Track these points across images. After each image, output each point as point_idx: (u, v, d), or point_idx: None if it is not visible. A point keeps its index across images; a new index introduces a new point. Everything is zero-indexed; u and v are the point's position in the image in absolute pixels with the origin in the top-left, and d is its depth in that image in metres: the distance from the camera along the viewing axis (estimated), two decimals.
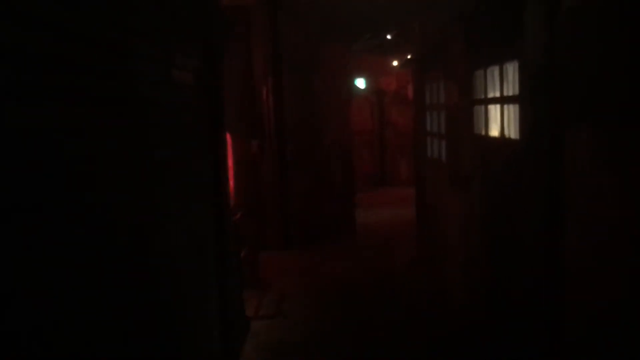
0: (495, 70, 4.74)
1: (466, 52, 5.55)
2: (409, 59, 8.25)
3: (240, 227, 7.58)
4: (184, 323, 3.41)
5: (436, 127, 7.08)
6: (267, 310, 6.89)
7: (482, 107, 5.14)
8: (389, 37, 12.27)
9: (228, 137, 10.45)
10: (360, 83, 15.97)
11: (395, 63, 15.68)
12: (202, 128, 4.18)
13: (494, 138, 4.84)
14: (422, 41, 7.53)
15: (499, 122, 4.60)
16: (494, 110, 4.82)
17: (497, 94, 4.67)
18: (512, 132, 4.41)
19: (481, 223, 5.23)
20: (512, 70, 4.36)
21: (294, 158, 9.70)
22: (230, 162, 9.57)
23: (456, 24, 5.79)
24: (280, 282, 7.92)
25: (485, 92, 4.97)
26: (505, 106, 4.48)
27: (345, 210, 10.33)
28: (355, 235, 10.28)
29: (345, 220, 10.33)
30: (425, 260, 8.05)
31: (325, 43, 10.08)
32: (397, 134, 16.28)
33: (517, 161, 4.23)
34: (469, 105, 5.47)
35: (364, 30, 10.64)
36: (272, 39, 9.38)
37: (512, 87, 4.36)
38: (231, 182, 8.64)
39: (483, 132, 5.11)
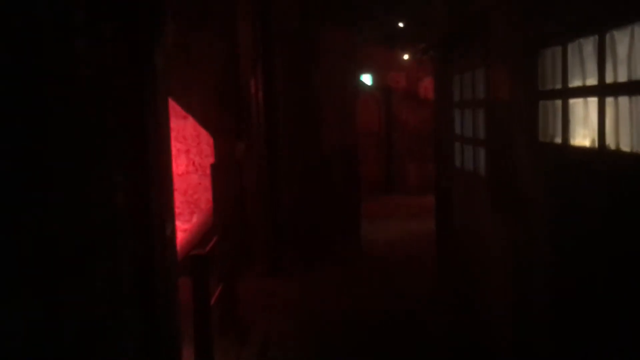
0: (587, 45, 3.04)
1: (523, 21, 3.86)
2: (429, 45, 6.54)
3: (214, 256, 5.91)
4: None
5: (470, 130, 5.39)
6: None
7: (557, 102, 3.44)
8: (401, 24, 10.60)
9: (206, 135, 8.80)
10: (366, 79, 14.27)
11: (406, 57, 13.98)
12: (114, 120, 2.50)
13: (582, 149, 3.15)
14: (449, 18, 5.83)
15: (595, 124, 2.91)
16: (583, 107, 3.13)
17: (592, 81, 2.98)
18: (624, 141, 2.72)
19: (548, 268, 3.54)
20: (625, 42, 2.67)
21: (288, 164, 8.02)
22: (207, 167, 7.89)
23: None
24: (264, 324, 6.23)
25: (565, 80, 3.28)
26: (610, 100, 2.79)
27: (349, 227, 8.64)
28: (360, 257, 8.58)
29: (348, 238, 8.64)
30: (449, 294, 6.37)
31: (327, 27, 8.39)
32: (406, 136, 14.58)
33: (629, 186, 2.56)
34: (530, 99, 3.78)
35: (373, 10, 8.93)
36: (262, 18, 7.71)
37: (626, 69, 2.67)
38: (209, 194, 7.00)
39: (558, 140, 3.42)
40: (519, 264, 4.05)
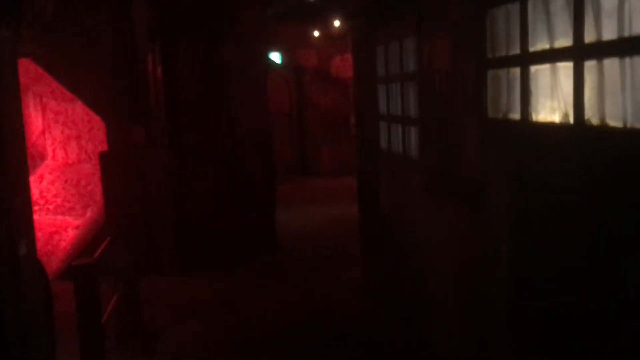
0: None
1: None
2: (347, 13, 5.94)
3: (110, 256, 5.09)
4: None
5: (398, 108, 4.83)
6: None
7: (512, 71, 2.91)
8: None
9: (99, 120, 7.77)
10: (275, 57, 13.55)
11: (316, 33, 13.36)
12: None
13: (549, 126, 2.62)
14: None
15: (569, 95, 2.38)
16: (551, 75, 2.60)
17: (565, 42, 2.45)
18: (610, 116, 2.20)
19: (511, 271, 3.03)
20: None
21: (195, 150, 7.23)
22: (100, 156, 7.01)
23: None
24: (175, 330, 5.48)
25: (524, 43, 2.74)
26: (591, 63, 2.26)
27: (265, 217, 7.96)
28: (277, 248, 7.93)
29: (264, 228, 7.96)
30: (378, 287, 5.86)
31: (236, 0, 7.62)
32: (318, 116, 14.01)
33: (622, 169, 2.05)
34: (476, 69, 3.23)
35: None
36: None
37: (615, 24, 2.15)
38: (101, 184, 6.10)
39: (515, 115, 2.89)
40: (467, 256, 3.54)
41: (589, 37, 2.27)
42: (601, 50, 2.22)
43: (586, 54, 2.28)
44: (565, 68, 2.44)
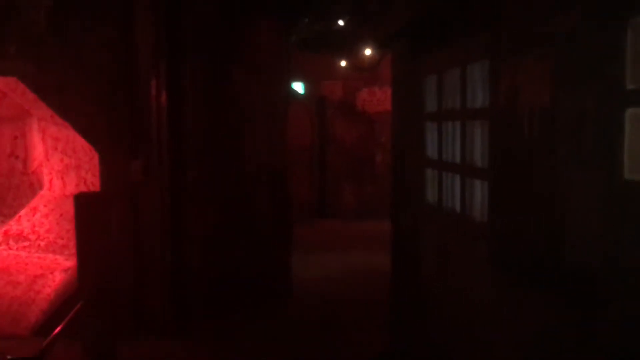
0: None
1: None
2: (386, 35, 4.90)
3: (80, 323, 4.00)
4: None
5: (456, 154, 3.71)
6: None
7: None
8: (341, 22, 8.94)
9: (89, 151, 6.68)
10: (298, 88, 12.56)
11: (343, 64, 12.38)
12: None
13: None
14: None
15: None
16: None
17: None
18: None
19: None
20: None
21: (199, 188, 6.16)
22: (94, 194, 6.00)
23: None
24: None
25: None
26: None
27: (278, 267, 6.84)
28: (290, 303, 6.78)
29: (276, 280, 6.84)
30: None
31: (252, 22, 6.62)
32: (342, 153, 12.94)
33: None
34: (606, 105, 2.13)
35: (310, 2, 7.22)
36: (169, 1, 5.84)
37: None
38: (76, 237, 4.97)
39: None
40: None
41: None
42: None
43: None
44: None
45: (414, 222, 4.47)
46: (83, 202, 4.17)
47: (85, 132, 5.87)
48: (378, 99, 12.84)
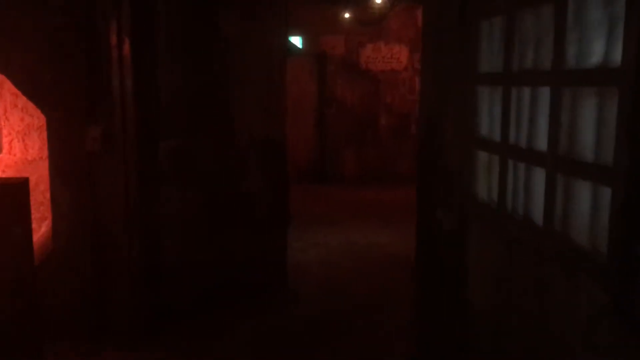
0: None
1: None
2: None
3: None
4: None
5: (541, 137, 2.42)
6: None
7: None
8: None
9: (34, 112, 5.04)
10: (295, 41, 11.12)
11: (347, 15, 10.92)
12: None
13: None
14: None
15: None
16: None
17: None
18: None
19: None
20: None
21: (176, 162, 4.87)
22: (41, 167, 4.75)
23: None
24: None
25: None
26: None
27: (271, 254, 5.60)
28: (286, 298, 5.56)
29: (270, 270, 5.61)
30: None
31: None
32: (343, 114, 11.58)
33: None
34: None
35: None
36: None
37: None
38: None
39: None
40: None
41: None
42: None
43: None
44: None
45: (458, 224, 3.20)
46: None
47: (27, 88, 4.53)
48: (383, 56, 11.44)
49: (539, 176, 2.42)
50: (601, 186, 2.00)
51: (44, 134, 5.82)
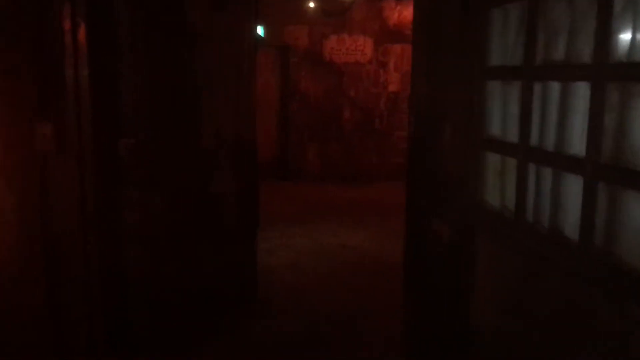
0: None
1: None
2: None
3: None
4: None
5: (576, 140, 2.10)
6: None
7: None
8: None
9: None
10: (258, 31, 10.65)
11: (311, 5, 10.54)
12: None
13: None
14: None
15: None
16: None
17: None
18: None
19: None
20: None
21: (138, 164, 4.41)
22: None
23: None
24: None
25: None
26: None
27: (242, 265, 5.20)
28: (258, 310, 5.16)
29: (239, 279, 5.20)
30: None
31: None
32: (306, 108, 11.21)
33: None
34: None
35: None
36: None
37: None
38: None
39: None
40: None
41: None
42: None
43: None
44: None
45: (460, 236, 2.88)
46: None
47: None
48: (347, 47, 11.10)
49: (573, 184, 2.11)
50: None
51: None
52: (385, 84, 11.25)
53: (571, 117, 2.12)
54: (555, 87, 2.22)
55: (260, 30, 10.67)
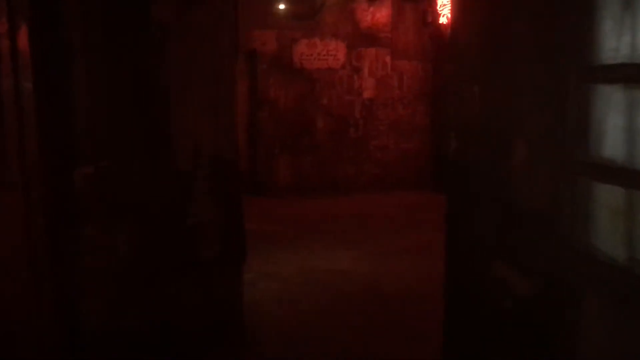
0: None
1: None
2: None
3: None
4: None
5: None
6: None
7: None
8: None
9: None
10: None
11: (281, 7, 9.74)
12: None
13: None
14: None
15: None
16: None
17: None
18: None
19: None
20: None
21: (97, 194, 3.54)
22: None
23: None
24: None
25: None
26: None
27: (225, 302, 4.35)
28: (245, 354, 4.33)
29: (223, 321, 4.36)
30: None
31: None
32: (276, 117, 10.38)
33: None
34: None
35: None
36: None
37: None
38: None
39: None
40: None
41: None
42: None
43: None
44: None
45: (548, 292, 2.12)
46: None
47: None
48: (319, 52, 10.34)
49: None
50: None
51: None
52: (360, 90, 10.54)
53: None
54: None
55: None
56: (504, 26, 2.37)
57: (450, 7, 2.87)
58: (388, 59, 10.58)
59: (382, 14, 10.39)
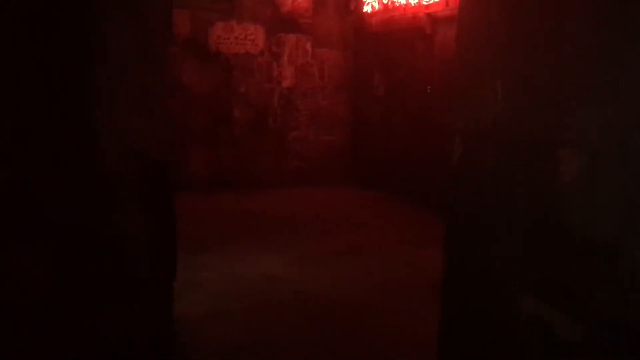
0: None
1: None
2: None
3: None
4: None
5: None
6: None
7: None
8: None
9: None
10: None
11: None
12: None
13: None
14: None
15: None
16: None
17: None
18: None
19: None
20: None
21: (10, 209, 2.79)
22: None
23: None
24: None
25: None
26: None
27: (156, 333, 3.69)
28: None
29: (150, 350, 3.70)
30: None
31: None
32: (191, 106, 9.59)
33: None
34: None
35: None
36: None
37: None
38: None
39: None
40: None
41: None
42: None
43: None
44: None
45: (608, 347, 1.71)
46: None
47: None
48: (237, 36, 9.65)
49: None
50: None
51: None
52: (279, 78, 9.96)
53: None
54: None
55: None
56: (540, 23, 1.92)
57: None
58: (309, 46, 10.06)
59: None
